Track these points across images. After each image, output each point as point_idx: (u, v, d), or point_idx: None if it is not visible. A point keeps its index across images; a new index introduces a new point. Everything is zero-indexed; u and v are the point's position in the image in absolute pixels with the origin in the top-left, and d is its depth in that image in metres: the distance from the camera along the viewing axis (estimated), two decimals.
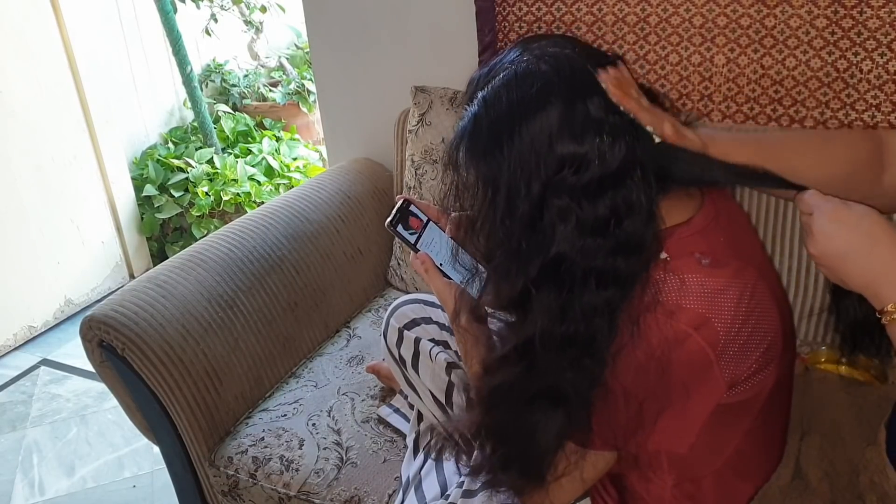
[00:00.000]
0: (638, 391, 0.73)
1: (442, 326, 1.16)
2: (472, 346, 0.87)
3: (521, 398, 0.76)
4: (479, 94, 0.74)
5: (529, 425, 0.76)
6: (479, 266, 0.88)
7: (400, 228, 0.92)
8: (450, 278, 0.90)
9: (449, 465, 1.07)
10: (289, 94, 3.17)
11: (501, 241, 0.73)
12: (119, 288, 1.45)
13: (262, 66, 3.31)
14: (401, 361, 1.14)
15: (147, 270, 1.66)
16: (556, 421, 0.75)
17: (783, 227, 1.30)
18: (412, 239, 0.92)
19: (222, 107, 3.11)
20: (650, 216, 0.71)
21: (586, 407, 0.74)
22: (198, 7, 2.83)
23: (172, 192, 2.68)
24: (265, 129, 3.09)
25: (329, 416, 1.30)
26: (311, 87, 3.11)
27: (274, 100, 3.17)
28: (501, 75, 0.73)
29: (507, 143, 0.70)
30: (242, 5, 3.00)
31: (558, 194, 0.69)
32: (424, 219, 0.94)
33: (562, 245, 0.70)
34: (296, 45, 3.45)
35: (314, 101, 3.13)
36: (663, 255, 0.73)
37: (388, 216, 0.92)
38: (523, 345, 0.74)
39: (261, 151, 2.84)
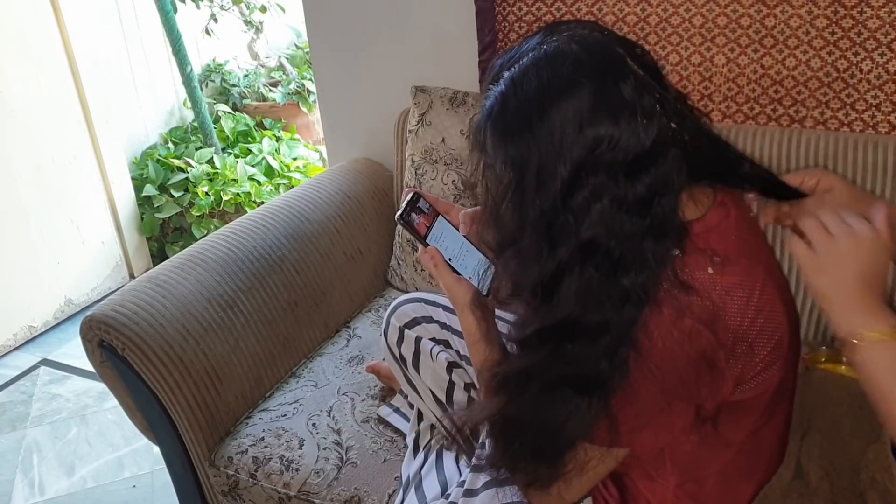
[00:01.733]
0: (653, 386, 0.73)
1: (443, 326, 1.16)
2: (485, 336, 0.86)
3: (543, 385, 0.75)
4: (506, 74, 0.72)
5: (551, 415, 0.75)
6: (489, 261, 0.87)
7: (410, 222, 0.90)
8: (459, 273, 0.88)
9: (449, 464, 1.07)
10: (289, 94, 3.17)
11: (531, 223, 0.71)
12: (119, 288, 1.45)
13: (262, 66, 3.31)
14: (401, 360, 1.14)
15: (147, 270, 1.66)
16: (580, 411, 0.74)
17: (782, 228, 1.30)
18: (422, 233, 0.90)
19: (222, 107, 3.11)
20: (679, 199, 0.71)
21: (610, 398, 0.73)
22: (198, 7, 2.83)
23: (172, 192, 2.68)
24: (265, 129, 3.09)
25: (329, 415, 1.30)
26: (311, 87, 3.11)
27: (274, 100, 3.17)
28: (530, 55, 0.71)
29: (537, 124, 0.68)
30: (242, 5, 3.00)
31: (594, 172, 0.68)
32: (434, 212, 0.92)
33: (596, 225, 0.68)
34: (296, 45, 3.45)
35: (314, 101, 3.13)
36: (675, 252, 0.73)
37: (399, 209, 0.90)
38: (549, 329, 0.73)
39: (261, 151, 2.84)
